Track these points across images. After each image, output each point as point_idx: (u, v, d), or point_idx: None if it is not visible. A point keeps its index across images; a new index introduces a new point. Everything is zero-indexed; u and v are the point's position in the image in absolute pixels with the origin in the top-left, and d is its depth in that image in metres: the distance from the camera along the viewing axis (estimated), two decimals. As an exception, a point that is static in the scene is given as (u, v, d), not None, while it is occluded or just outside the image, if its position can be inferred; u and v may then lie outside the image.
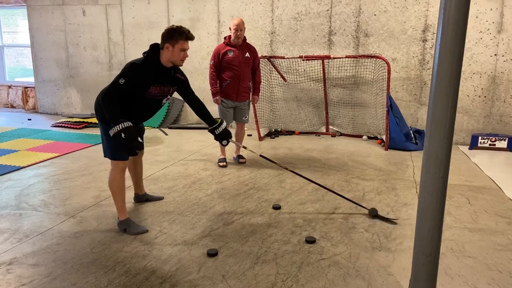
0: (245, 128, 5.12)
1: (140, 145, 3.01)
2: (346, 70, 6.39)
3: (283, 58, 6.37)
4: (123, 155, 3.08)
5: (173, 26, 3.06)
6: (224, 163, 4.80)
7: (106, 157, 3.13)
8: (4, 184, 4.13)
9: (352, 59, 6.28)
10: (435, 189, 1.80)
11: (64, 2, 7.77)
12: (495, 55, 5.78)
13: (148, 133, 6.45)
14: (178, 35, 3.01)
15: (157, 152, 5.41)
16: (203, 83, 7.11)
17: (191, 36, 3.07)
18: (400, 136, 5.64)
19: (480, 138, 5.76)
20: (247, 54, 4.70)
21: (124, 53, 7.60)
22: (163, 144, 5.94)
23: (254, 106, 6.21)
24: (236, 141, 4.99)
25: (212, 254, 2.73)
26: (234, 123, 5.05)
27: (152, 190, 3.96)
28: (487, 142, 5.74)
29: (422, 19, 5.98)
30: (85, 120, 7.14)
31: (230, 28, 4.64)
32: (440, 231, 1.87)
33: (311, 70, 6.51)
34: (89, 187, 4.06)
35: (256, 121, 6.36)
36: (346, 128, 6.60)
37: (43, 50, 8.10)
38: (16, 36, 9.32)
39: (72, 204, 3.64)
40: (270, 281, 2.45)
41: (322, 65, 6.35)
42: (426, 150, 1.81)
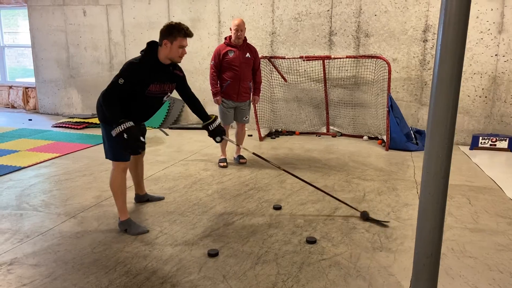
0: (245, 129, 5.12)
1: (143, 144, 3.01)
2: (347, 70, 6.39)
3: (284, 58, 6.38)
4: (124, 156, 3.08)
5: (171, 23, 3.04)
6: (225, 164, 4.80)
7: (107, 158, 3.12)
8: (5, 185, 4.13)
9: (353, 59, 6.28)
10: (436, 189, 1.80)
11: (65, 2, 7.78)
12: (496, 55, 5.78)
13: (149, 133, 6.45)
14: (177, 31, 2.99)
15: (157, 153, 5.42)
16: (203, 83, 7.11)
17: (190, 33, 3.05)
18: (400, 137, 5.64)
19: (480, 138, 5.76)
20: (248, 55, 4.70)
21: (125, 53, 7.61)
22: (163, 145, 5.94)
23: (254, 107, 6.21)
24: (236, 141, 5.00)
25: (212, 255, 2.73)
26: (234, 123, 5.05)
27: (152, 190, 3.96)
28: (488, 142, 5.74)
29: (422, 19, 5.98)
30: (85, 120, 7.15)
31: (230, 29, 4.64)
32: (441, 232, 1.87)
33: (312, 71, 6.51)
34: (89, 188, 4.06)
35: (257, 121, 6.36)
36: (347, 128, 6.60)
37: (44, 50, 8.11)
38: (16, 36, 9.33)
39: (72, 204, 3.64)
40: (271, 281, 2.45)
41: (323, 65, 6.35)
42: (427, 150, 1.82)
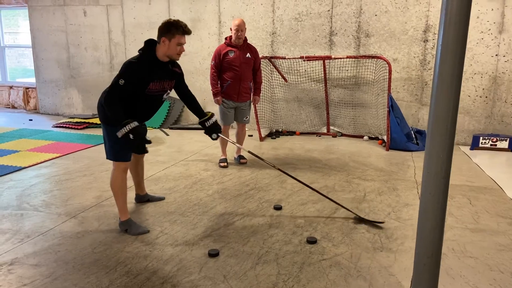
0: (246, 129, 5.12)
1: (149, 143, 3.03)
2: (347, 70, 6.38)
3: (284, 58, 6.37)
4: (125, 156, 3.08)
5: (170, 20, 3.03)
6: (225, 164, 4.80)
7: (108, 158, 3.12)
8: (6, 185, 4.14)
9: (353, 59, 6.28)
10: (436, 189, 1.80)
11: (65, 2, 7.78)
12: (496, 55, 5.78)
13: (149, 133, 6.42)
14: (175, 29, 2.99)
15: (158, 153, 5.42)
16: (204, 83, 7.12)
17: (188, 31, 3.05)
18: (401, 137, 5.64)
19: (481, 138, 5.76)
20: (248, 55, 4.70)
21: (125, 53, 7.61)
22: (164, 145, 5.94)
23: (255, 107, 6.21)
24: (237, 141, 5.00)
25: (213, 255, 2.73)
26: (235, 124, 5.04)
27: (153, 190, 3.96)
28: (488, 142, 5.74)
29: (423, 20, 5.98)
30: (86, 120, 7.15)
31: (231, 29, 4.64)
32: (442, 232, 1.87)
33: (312, 71, 6.51)
34: (90, 188, 4.07)
35: (257, 121, 6.36)
36: (347, 128, 6.60)
37: (44, 50, 8.11)
38: (17, 36, 9.33)
39: (73, 204, 3.64)
40: (272, 281, 2.45)
41: (323, 65, 6.35)
42: (428, 150, 1.81)
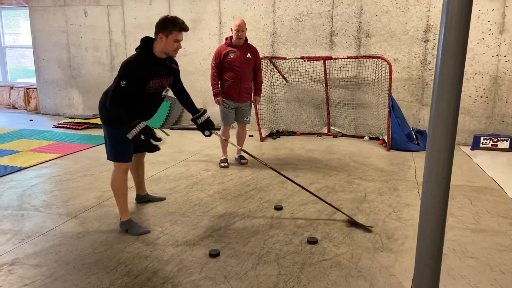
0: (246, 129, 5.11)
1: (160, 140, 3.02)
2: (348, 70, 6.38)
3: (285, 58, 6.37)
4: (126, 157, 3.08)
5: (167, 16, 3.03)
6: (226, 164, 4.80)
7: (109, 159, 3.12)
8: (6, 185, 4.14)
9: (354, 59, 6.27)
10: (437, 190, 1.80)
11: (66, 3, 7.79)
12: (497, 55, 5.77)
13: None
14: (172, 25, 2.99)
15: (158, 153, 5.39)
16: (204, 84, 7.12)
17: (186, 27, 3.05)
18: (401, 137, 5.64)
19: (482, 138, 5.75)
20: (249, 55, 4.70)
21: (126, 54, 7.61)
22: (164, 145, 5.89)
23: (255, 107, 6.22)
24: (237, 141, 5.00)
25: (214, 255, 2.73)
26: (235, 124, 5.04)
27: (154, 190, 3.96)
28: (489, 142, 5.73)
29: (423, 20, 5.97)
30: (86, 121, 7.15)
31: (231, 29, 4.64)
32: (443, 232, 1.87)
33: (313, 71, 6.51)
34: (91, 188, 4.07)
35: (258, 121, 6.36)
36: (348, 128, 6.60)
37: (45, 51, 8.12)
38: (18, 37, 9.34)
39: (74, 204, 3.64)
40: (272, 281, 2.45)
41: (324, 65, 6.35)
42: (429, 150, 1.81)
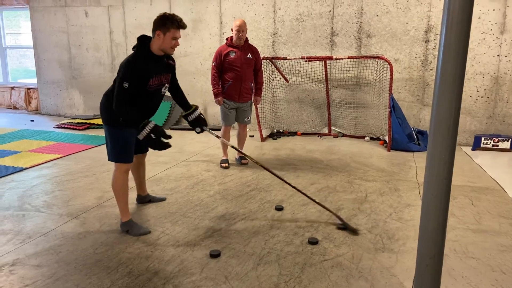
0: (247, 129, 5.11)
1: (170, 137, 3.03)
2: (348, 71, 6.38)
3: (285, 59, 6.37)
4: (127, 158, 3.08)
5: (165, 14, 3.03)
6: (227, 164, 4.79)
7: (110, 160, 3.11)
8: (7, 185, 4.14)
9: (354, 60, 6.27)
10: (438, 190, 1.79)
11: (67, 3, 7.79)
12: (498, 55, 5.77)
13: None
14: (170, 23, 2.99)
15: (159, 153, 5.41)
16: (205, 84, 7.12)
17: (183, 25, 3.05)
18: (402, 137, 5.64)
19: (483, 139, 5.75)
20: (249, 55, 4.70)
21: (127, 54, 7.61)
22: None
23: (256, 107, 6.22)
24: (238, 142, 4.99)
25: (214, 255, 2.73)
26: (236, 124, 5.04)
27: (154, 191, 3.96)
28: (490, 143, 5.73)
29: (424, 20, 5.97)
30: (87, 121, 7.16)
31: (232, 29, 4.64)
32: (444, 233, 1.86)
33: (313, 71, 6.51)
34: (91, 188, 4.07)
35: (258, 122, 6.36)
36: (349, 129, 6.60)
37: (46, 51, 8.12)
38: (18, 37, 9.35)
39: (75, 205, 3.64)
40: (273, 282, 2.44)
41: (324, 66, 6.34)
42: (430, 151, 1.81)
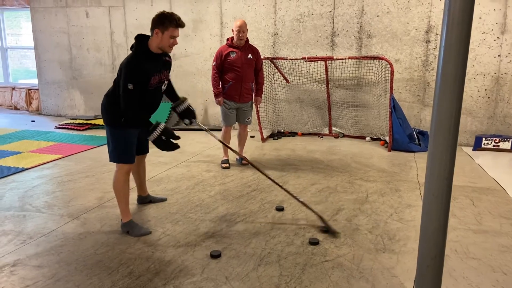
0: (247, 130, 5.11)
1: (178, 138, 3.04)
2: (349, 71, 6.38)
3: (286, 59, 6.37)
4: (128, 158, 3.09)
5: (164, 12, 3.05)
6: (227, 165, 4.79)
7: (112, 161, 3.11)
8: (8, 186, 4.14)
9: (355, 60, 6.27)
10: (439, 191, 1.79)
11: (67, 4, 7.80)
12: (499, 56, 5.76)
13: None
14: (169, 22, 3.00)
15: (160, 154, 5.39)
16: (205, 84, 7.12)
17: (182, 24, 3.07)
18: (403, 137, 5.63)
19: (483, 139, 5.75)
20: (250, 56, 4.70)
21: (127, 54, 7.60)
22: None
23: (257, 108, 6.22)
24: (238, 142, 5.00)
25: (215, 256, 2.73)
26: (237, 125, 5.04)
27: (155, 191, 3.96)
28: (491, 143, 5.72)
29: (425, 20, 5.97)
30: (88, 121, 7.16)
31: (232, 30, 4.64)
32: (445, 233, 1.86)
33: (314, 72, 6.51)
34: (92, 189, 4.07)
35: (259, 122, 6.36)
36: (349, 129, 6.59)
37: (47, 52, 8.13)
38: (19, 38, 9.36)
39: (75, 205, 3.64)
40: (274, 282, 2.44)
41: (325, 66, 6.34)
42: (431, 151, 1.81)
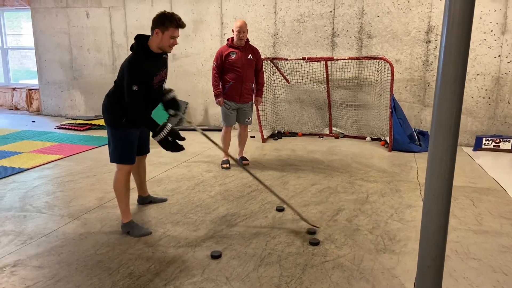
0: (248, 130, 5.11)
1: (184, 139, 3.04)
2: (349, 71, 6.38)
3: (286, 59, 6.37)
4: (129, 159, 3.09)
5: (164, 12, 3.06)
6: (228, 165, 4.79)
7: (112, 161, 3.11)
8: (9, 186, 4.15)
9: (355, 60, 6.27)
10: (440, 191, 1.80)
11: (68, 4, 7.80)
12: (499, 56, 5.76)
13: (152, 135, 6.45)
14: (169, 22, 3.01)
15: (160, 154, 5.42)
16: (206, 85, 7.12)
17: (182, 24, 3.07)
18: (403, 138, 5.63)
19: (484, 139, 5.74)
20: (250, 56, 4.70)
21: (128, 55, 7.61)
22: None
23: (257, 108, 6.22)
24: (239, 142, 5.00)
25: (215, 256, 2.73)
26: (237, 125, 5.04)
27: (155, 192, 3.96)
28: (491, 143, 5.72)
29: (425, 20, 5.97)
30: (89, 122, 7.17)
31: (233, 30, 4.64)
32: (446, 234, 1.87)
33: (314, 72, 6.51)
34: (93, 189, 4.07)
35: (259, 122, 6.36)
36: (350, 129, 6.59)
37: (47, 52, 8.13)
38: (20, 38, 9.36)
39: (76, 206, 3.65)
40: (274, 283, 2.44)
41: (325, 66, 6.34)
42: (431, 152, 1.81)
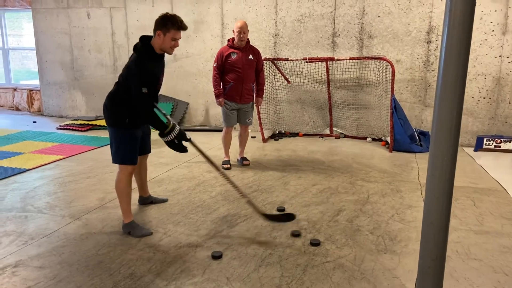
0: (249, 130, 5.11)
1: (189, 140, 3.05)
2: (350, 72, 6.38)
3: (287, 60, 6.37)
4: (131, 159, 3.09)
5: (167, 14, 3.06)
6: (228, 165, 4.80)
7: (114, 162, 3.11)
8: (10, 187, 4.15)
9: (356, 61, 6.27)
10: (440, 191, 1.80)
11: (69, 5, 7.81)
12: (500, 56, 5.76)
13: (152, 135, 6.45)
14: (171, 24, 3.01)
15: (161, 154, 5.42)
16: (206, 85, 7.12)
17: (184, 26, 3.08)
18: (404, 138, 5.63)
19: (485, 139, 5.74)
20: (251, 56, 4.70)
21: (129, 55, 7.60)
22: (167, 146, 5.93)
23: (258, 108, 6.22)
24: (239, 143, 5.00)
25: (216, 257, 2.73)
26: (237, 125, 5.04)
27: (156, 192, 3.97)
28: (492, 144, 5.72)
29: (426, 21, 5.97)
30: (89, 122, 7.17)
31: (233, 31, 4.65)
32: (446, 234, 1.87)
33: (315, 72, 6.51)
34: (94, 189, 4.07)
35: (260, 123, 6.37)
36: (350, 130, 6.59)
37: (48, 53, 8.14)
38: (21, 39, 9.37)
39: (77, 206, 3.65)
40: (275, 283, 2.44)
41: (326, 67, 6.34)
42: (432, 152, 1.81)
